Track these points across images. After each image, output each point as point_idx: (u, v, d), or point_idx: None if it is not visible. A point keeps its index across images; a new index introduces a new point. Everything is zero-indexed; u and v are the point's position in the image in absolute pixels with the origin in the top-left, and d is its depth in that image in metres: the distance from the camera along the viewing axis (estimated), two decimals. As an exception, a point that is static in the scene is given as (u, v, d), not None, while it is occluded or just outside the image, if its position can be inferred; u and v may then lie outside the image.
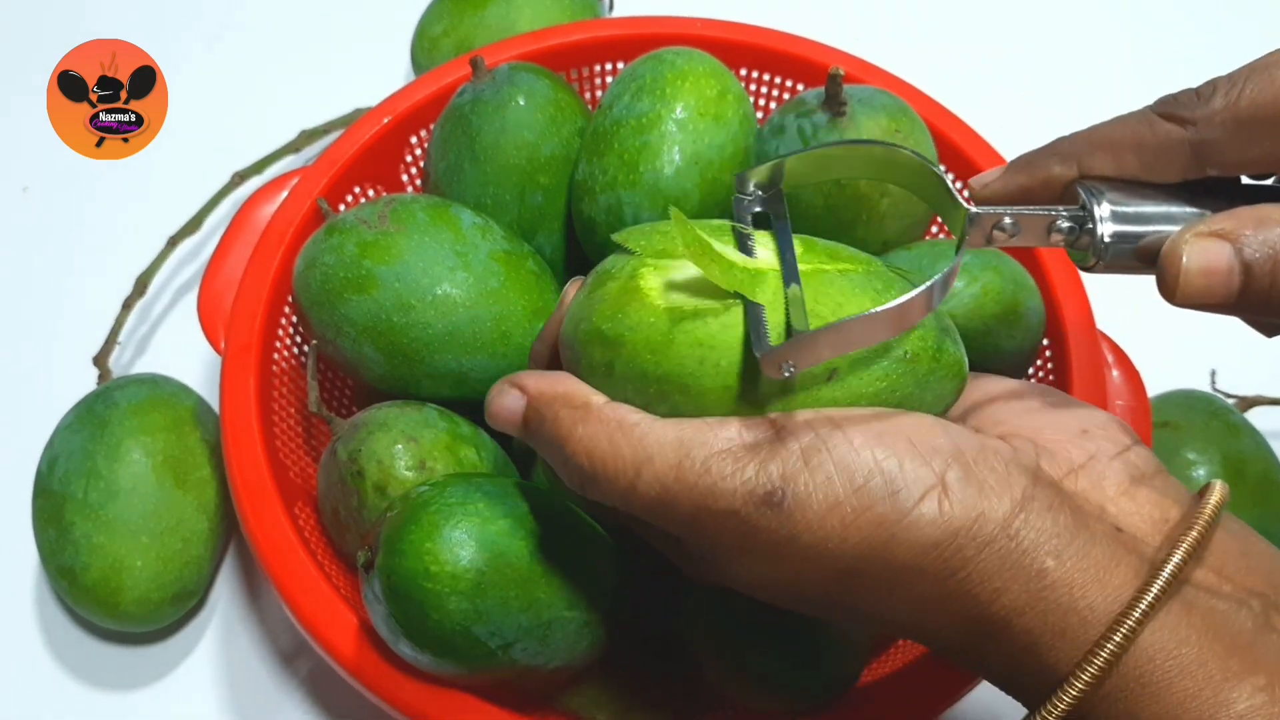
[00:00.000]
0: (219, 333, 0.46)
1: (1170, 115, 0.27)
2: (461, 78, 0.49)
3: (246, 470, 0.40)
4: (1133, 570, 0.25)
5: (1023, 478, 0.26)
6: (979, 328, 0.40)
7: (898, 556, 0.25)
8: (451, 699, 0.35)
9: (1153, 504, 0.27)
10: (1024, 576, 0.25)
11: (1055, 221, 0.28)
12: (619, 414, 0.27)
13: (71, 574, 0.44)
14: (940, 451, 0.25)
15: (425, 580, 0.32)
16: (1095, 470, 0.27)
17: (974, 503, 0.25)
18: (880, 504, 0.25)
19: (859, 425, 0.26)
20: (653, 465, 0.26)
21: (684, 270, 0.27)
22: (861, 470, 0.25)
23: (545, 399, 0.28)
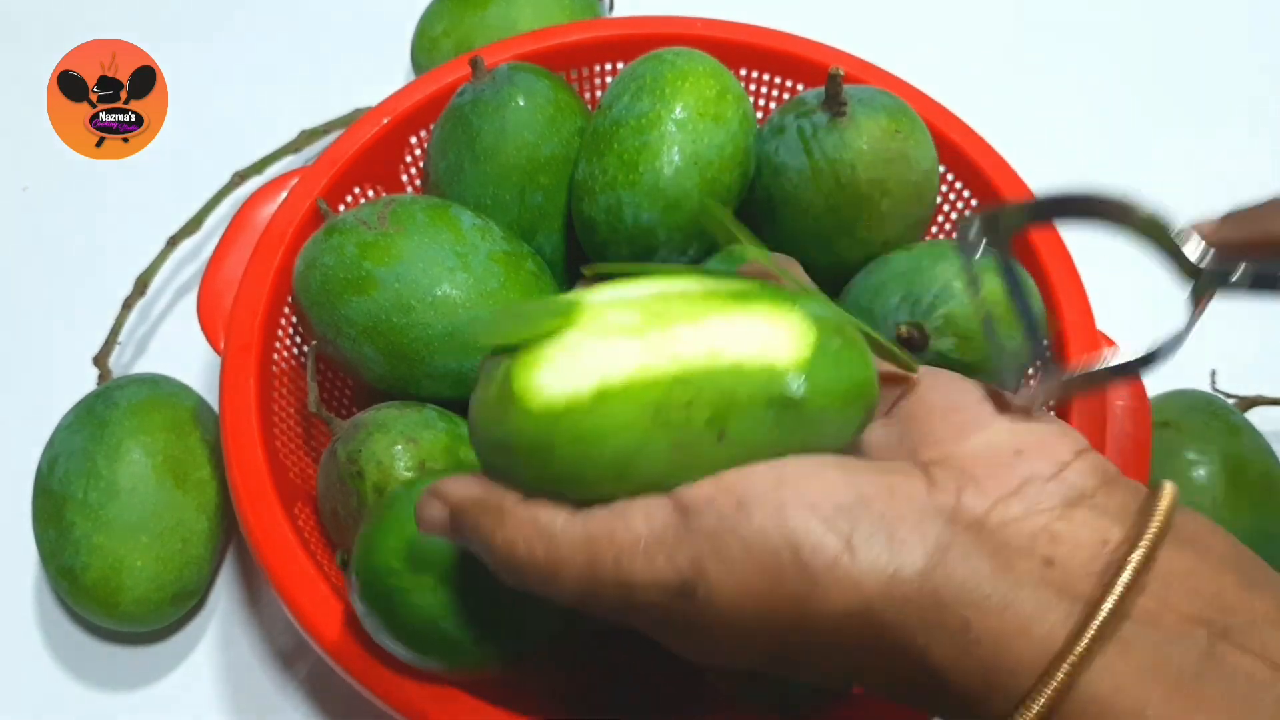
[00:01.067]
0: (219, 333, 0.46)
1: None
2: (461, 78, 0.49)
3: (246, 470, 0.40)
4: (1064, 614, 0.23)
5: (936, 523, 0.24)
6: (979, 328, 0.40)
7: (817, 628, 0.24)
8: (451, 699, 0.35)
9: (1090, 527, 0.24)
10: (947, 632, 0.23)
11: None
12: (532, 514, 0.26)
13: (72, 574, 0.44)
14: (845, 509, 0.24)
15: (390, 577, 0.32)
16: (1029, 496, 0.25)
17: (885, 562, 0.24)
18: (789, 580, 0.24)
19: (759, 494, 0.25)
20: (567, 569, 0.26)
21: (557, 354, 0.26)
22: (766, 548, 0.24)
23: (464, 506, 0.28)
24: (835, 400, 0.26)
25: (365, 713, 0.45)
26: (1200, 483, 0.46)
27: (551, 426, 0.25)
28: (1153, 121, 0.68)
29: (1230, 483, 0.46)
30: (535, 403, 0.25)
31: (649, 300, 0.26)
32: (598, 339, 0.25)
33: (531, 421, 0.25)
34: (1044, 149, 0.56)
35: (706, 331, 0.26)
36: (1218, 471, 0.46)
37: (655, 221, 0.43)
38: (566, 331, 0.26)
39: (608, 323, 0.26)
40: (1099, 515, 0.25)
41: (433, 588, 0.32)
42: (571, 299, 0.27)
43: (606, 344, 0.25)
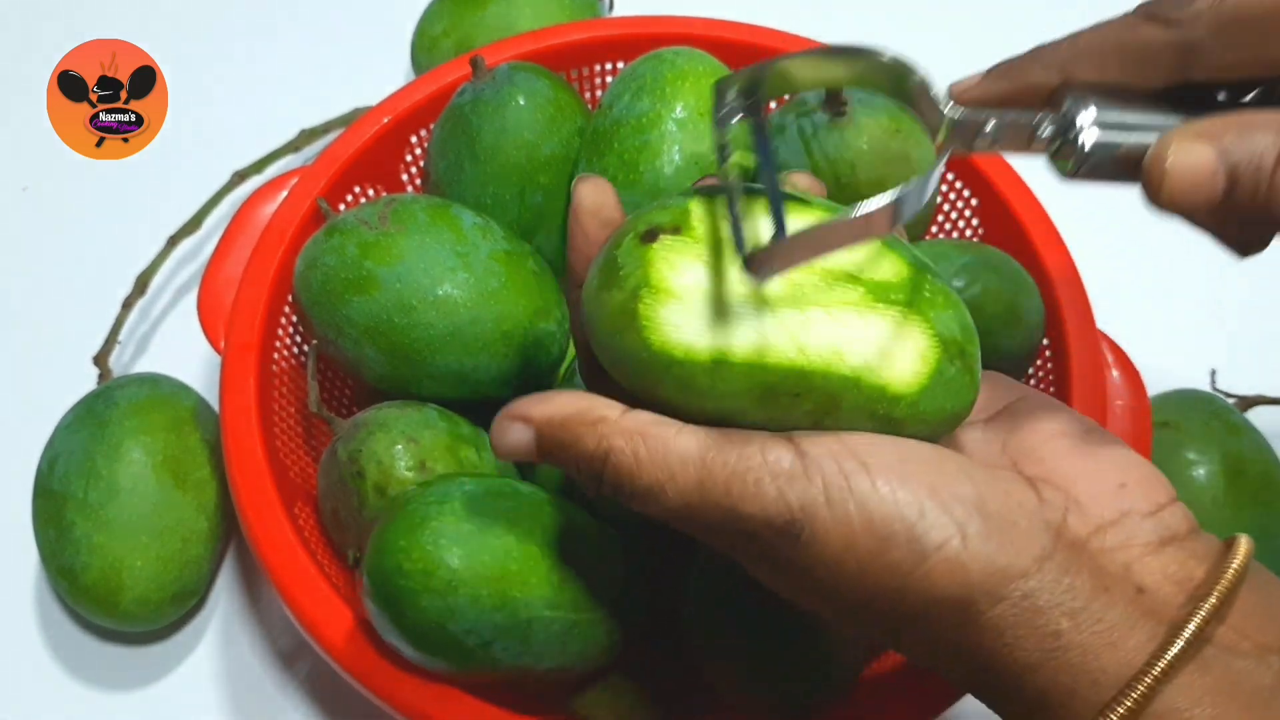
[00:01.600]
0: (219, 332, 0.46)
1: (1154, 15, 0.26)
2: (461, 77, 0.49)
3: (246, 470, 0.40)
4: (1148, 634, 0.24)
5: (1044, 535, 0.25)
6: (979, 328, 0.40)
7: (909, 603, 0.25)
8: (451, 699, 0.35)
9: (1179, 564, 0.26)
10: (1037, 635, 0.24)
11: (1038, 128, 0.27)
12: (639, 424, 0.26)
13: (71, 573, 0.44)
14: (963, 500, 0.25)
15: (399, 577, 0.32)
16: (1126, 528, 0.26)
17: (992, 558, 0.25)
18: (897, 550, 0.25)
19: (883, 462, 0.25)
20: (675, 482, 0.26)
21: (692, 296, 0.26)
22: (881, 513, 0.25)
23: (556, 423, 0.27)
24: (934, 425, 0.27)
25: (365, 713, 0.45)
26: (1200, 483, 0.46)
27: (664, 366, 0.25)
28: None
29: (1230, 483, 0.46)
30: (655, 338, 0.25)
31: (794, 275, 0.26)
32: (725, 299, 0.26)
33: (647, 353, 0.26)
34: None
35: (837, 326, 0.26)
36: (1218, 471, 0.46)
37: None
38: (709, 264, 0.26)
39: (737, 289, 0.26)
40: (1187, 556, 0.26)
41: (440, 590, 0.32)
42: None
43: (733, 311, 0.26)
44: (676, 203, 0.28)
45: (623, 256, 0.27)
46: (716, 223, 0.27)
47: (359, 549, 0.34)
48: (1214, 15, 0.25)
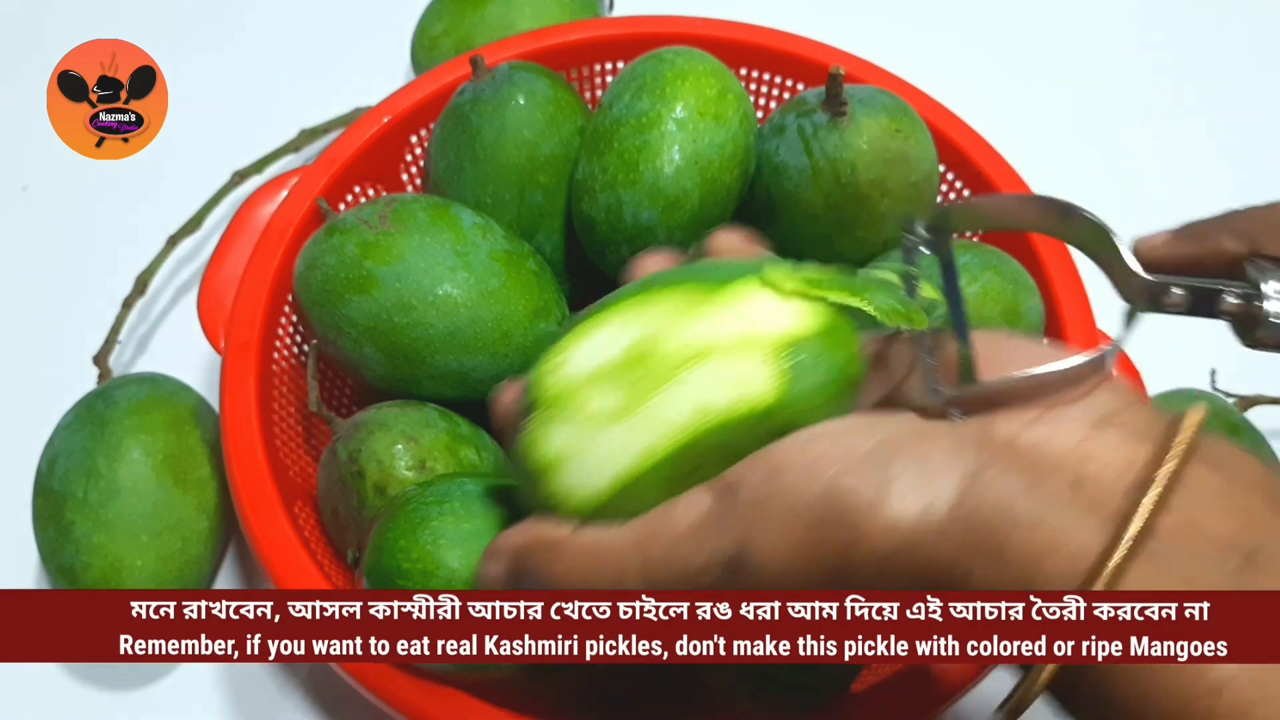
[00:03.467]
0: (219, 332, 0.46)
1: None
2: (461, 77, 0.49)
3: (246, 469, 0.40)
4: (1093, 530, 0.23)
5: (968, 451, 0.25)
6: (979, 327, 0.40)
7: (864, 573, 0.25)
8: (451, 699, 0.35)
9: (1117, 445, 0.25)
10: (984, 556, 0.24)
11: (1224, 296, 0.28)
12: (580, 540, 0.28)
13: (72, 573, 0.44)
14: (871, 456, 0.25)
15: (399, 577, 0.32)
16: (1054, 417, 0.25)
17: (918, 496, 0.24)
18: (832, 531, 0.25)
19: (790, 461, 0.26)
20: (629, 575, 0.27)
21: (569, 461, 0.28)
22: (804, 504, 0.25)
23: (519, 553, 0.29)
24: (825, 402, 0.27)
25: (365, 713, 0.45)
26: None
27: (592, 515, 0.28)
28: (1154, 121, 0.68)
29: (1230, 482, 0.46)
30: (571, 503, 0.28)
31: (628, 362, 0.27)
32: (595, 432, 0.27)
33: (573, 512, 0.28)
34: (1044, 149, 0.56)
35: (688, 390, 0.27)
36: (1218, 471, 0.46)
37: (655, 221, 0.43)
38: (563, 428, 0.27)
39: (595, 410, 0.27)
40: (1126, 435, 0.25)
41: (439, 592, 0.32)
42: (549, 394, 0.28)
43: (605, 437, 0.27)
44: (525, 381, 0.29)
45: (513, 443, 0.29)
46: (557, 373, 0.28)
47: (359, 548, 0.34)
48: None
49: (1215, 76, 0.70)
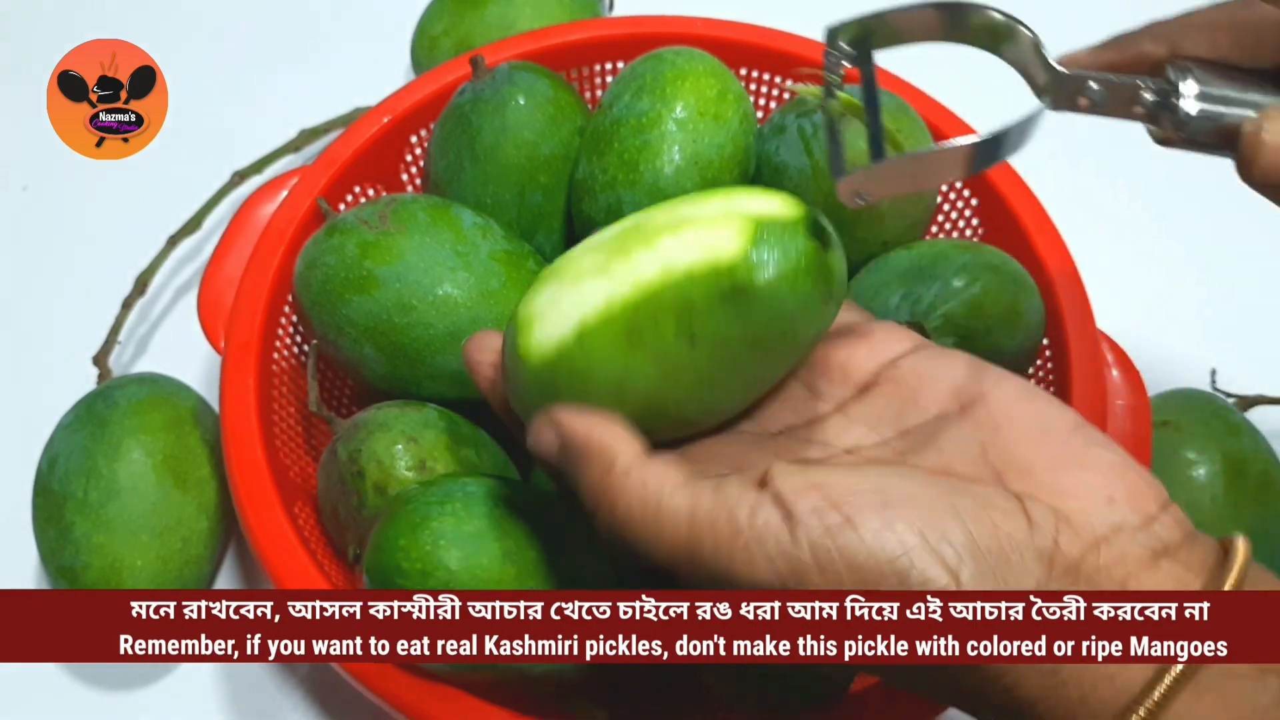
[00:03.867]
0: (219, 332, 0.46)
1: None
2: (461, 77, 0.49)
3: (246, 470, 0.40)
4: (1143, 664, 0.24)
5: (1038, 566, 0.25)
6: (979, 327, 0.40)
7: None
8: (451, 699, 0.35)
9: (1174, 580, 0.25)
10: (1038, 672, 0.24)
11: (1140, 92, 0.28)
12: (642, 476, 0.27)
13: (72, 573, 0.44)
14: (952, 543, 0.25)
15: (398, 576, 0.32)
16: (1118, 544, 0.26)
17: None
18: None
19: (866, 507, 0.25)
20: (666, 540, 0.26)
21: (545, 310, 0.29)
22: (872, 567, 0.24)
23: (577, 444, 0.28)
24: (784, 279, 0.27)
25: (365, 713, 0.45)
26: (1200, 482, 0.46)
27: (551, 372, 0.28)
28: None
29: (1230, 482, 0.46)
30: (534, 357, 0.28)
31: (618, 236, 0.29)
32: (572, 286, 0.28)
33: (534, 373, 0.28)
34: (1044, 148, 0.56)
35: (659, 251, 0.28)
36: (1218, 471, 0.46)
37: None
38: (551, 285, 0.29)
39: (581, 268, 0.29)
40: (1183, 570, 0.26)
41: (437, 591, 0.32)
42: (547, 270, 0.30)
43: (579, 288, 0.28)
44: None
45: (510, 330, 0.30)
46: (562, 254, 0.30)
47: (359, 546, 0.34)
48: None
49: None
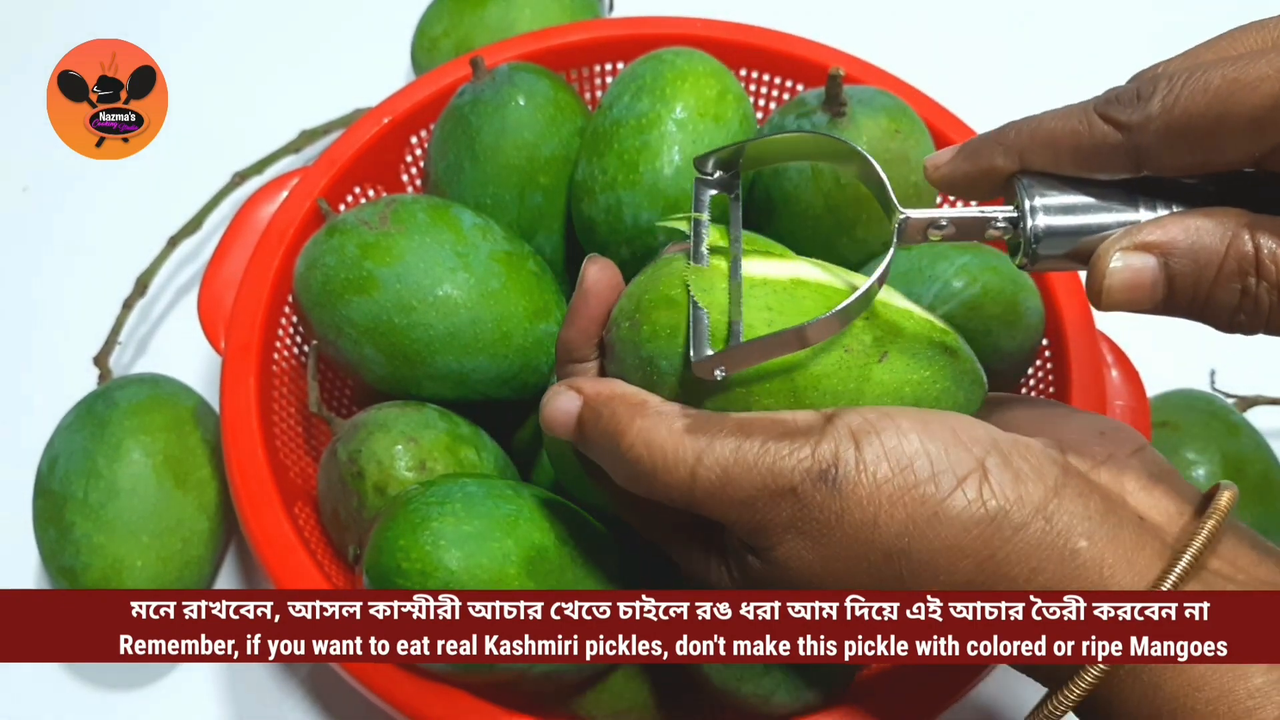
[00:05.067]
0: (219, 333, 0.46)
1: (1108, 117, 0.27)
2: (461, 78, 0.49)
3: (246, 470, 0.40)
4: (1156, 553, 0.26)
5: (1054, 467, 0.27)
6: (979, 328, 0.40)
7: (940, 535, 0.26)
8: (452, 699, 0.35)
9: (1169, 499, 0.29)
10: (1058, 557, 0.26)
11: (990, 221, 0.28)
12: (676, 408, 0.28)
13: (72, 574, 0.44)
14: (980, 441, 0.27)
15: (398, 577, 0.32)
16: (1116, 465, 0.29)
17: (1011, 487, 0.26)
18: (924, 484, 0.26)
19: (904, 414, 0.27)
20: (713, 450, 0.27)
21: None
22: (906, 452, 0.27)
23: (602, 398, 0.29)
24: (971, 370, 0.30)
25: (366, 712, 0.45)
26: (1200, 483, 0.46)
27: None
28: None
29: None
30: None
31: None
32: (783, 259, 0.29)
33: (724, 282, 0.28)
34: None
35: (871, 290, 0.28)
36: (1217, 471, 0.47)
37: (655, 222, 0.43)
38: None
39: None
40: (1176, 494, 0.29)
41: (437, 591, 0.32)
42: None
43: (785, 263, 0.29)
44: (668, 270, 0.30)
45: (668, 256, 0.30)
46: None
47: (359, 546, 0.34)
48: (1164, 122, 0.26)
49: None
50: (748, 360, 0.27)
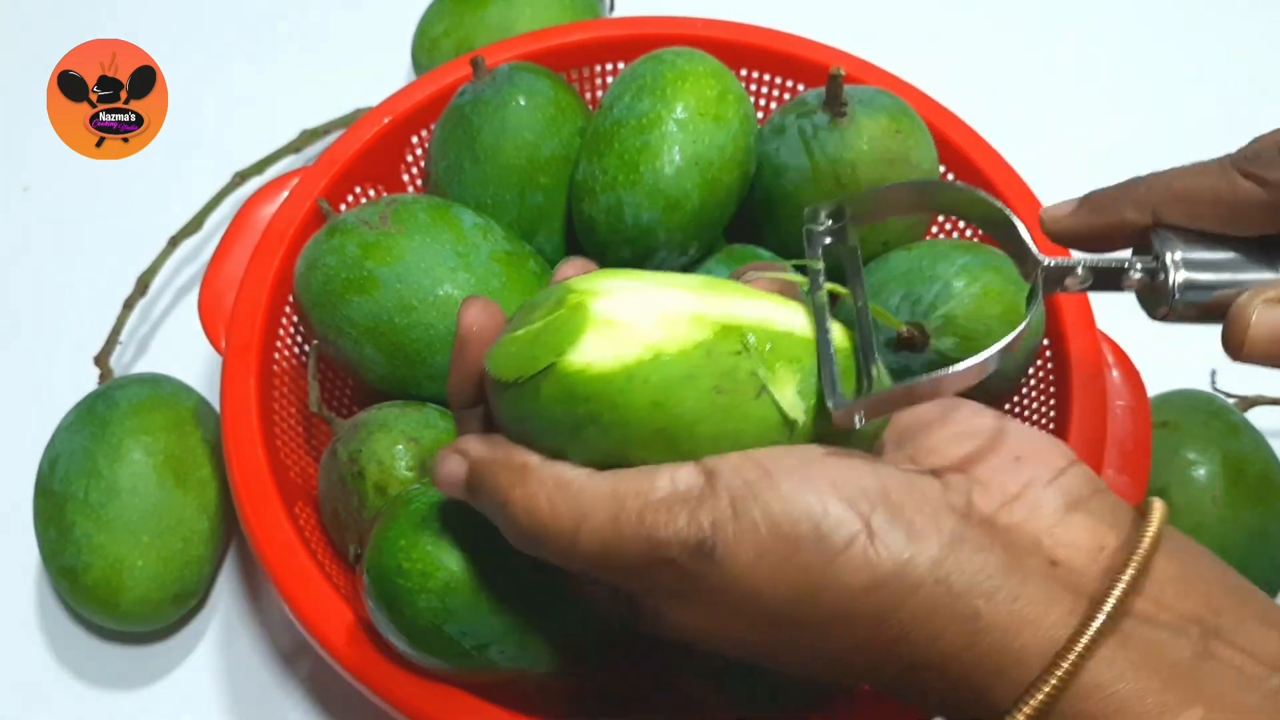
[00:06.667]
0: (220, 332, 0.46)
1: (1250, 174, 0.26)
2: (462, 78, 0.49)
3: (247, 470, 0.40)
4: (1067, 608, 0.24)
5: (950, 518, 0.25)
6: (980, 328, 0.40)
7: (827, 603, 0.25)
8: (451, 698, 0.35)
9: (1088, 531, 0.26)
10: (957, 620, 0.24)
11: (1128, 271, 0.28)
12: (555, 472, 0.27)
13: (72, 574, 0.44)
14: (866, 494, 0.25)
15: (398, 577, 0.32)
16: (1030, 499, 0.27)
17: (901, 547, 0.25)
18: (805, 551, 0.25)
19: (785, 467, 0.26)
20: (589, 522, 0.26)
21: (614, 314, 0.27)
22: (786, 516, 0.25)
23: (485, 463, 0.28)
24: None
25: (366, 713, 0.45)
26: (1200, 483, 0.46)
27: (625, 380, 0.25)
28: (1155, 120, 0.68)
29: (1230, 483, 0.46)
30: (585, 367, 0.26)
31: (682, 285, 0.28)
32: (658, 289, 0.27)
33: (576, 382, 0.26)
34: (1044, 149, 0.56)
35: (759, 306, 0.27)
36: (1218, 471, 0.46)
37: (655, 221, 0.43)
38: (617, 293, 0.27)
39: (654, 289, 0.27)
40: (1096, 521, 0.26)
41: (438, 592, 0.32)
42: (578, 292, 0.27)
43: (666, 293, 0.27)
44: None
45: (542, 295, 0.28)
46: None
47: (360, 546, 0.34)
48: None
49: (1220, 72, 0.71)
50: (888, 407, 0.26)
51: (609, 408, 0.26)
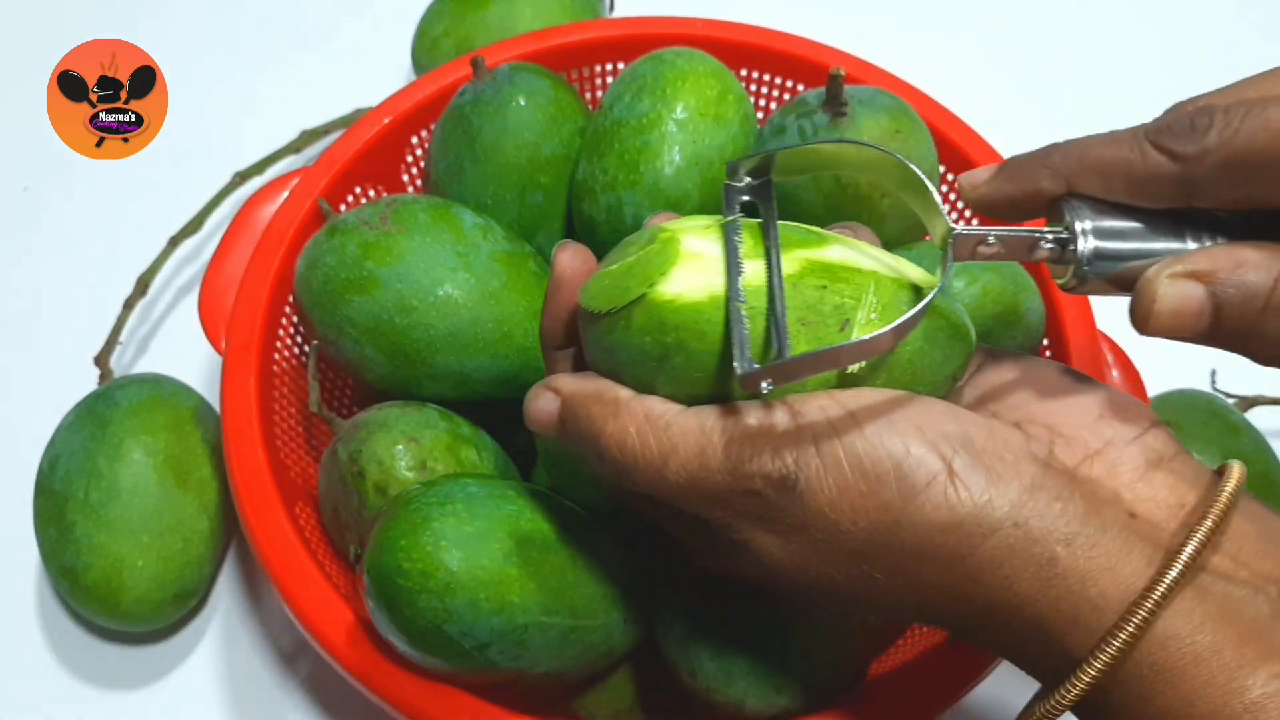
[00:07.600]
0: (220, 332, 0.46)
1: (1162, 147, 0.26)
2: (462, 78, 0.49)
3: (247, 470, 0.40)
4: (1146, 558, 0.25)
5: (1031, 466, 0.26)
6: (979, 328, 0.40)
7: (905, 541, 0.26)
8: (452, 698, 0.35)
9: (1169, 489, 0.27)
10: (1034, 564, 0.25)
11: (1039, 241, 0.28)
12: (646, 407, 0.28)
13: (73, 573, 0.44)
14: (949, 438, 0.26)
15: (398, 576, 0.32)
16: (1111, 456, 0.28)
17: (980, 489, 0.25)
18: (887, 489, 0.25)
19: (869, 409, 0.26)
20: (678, 455, 0.27)
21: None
22: (869, 456, 0.26)
23: (578, 399, 0.29)
24: (945, 325, 0.29)
25: (366, 712, 0.45)
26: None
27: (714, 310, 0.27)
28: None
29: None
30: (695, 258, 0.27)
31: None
32: (747, 230, 0.28)
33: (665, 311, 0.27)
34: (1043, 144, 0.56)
35: (844, 251, 0.28)
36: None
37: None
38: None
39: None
40: (1177, 480, 0.27)
41: (438, 592, 0.32)
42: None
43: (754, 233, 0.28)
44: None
45: (636, 235, 0.29)
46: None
47: (360, 546, 0.34)
48: (1222, 156, 0.25)
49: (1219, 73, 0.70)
50: (796, 374, 0.26)
51: (695, 336, 0.27)
